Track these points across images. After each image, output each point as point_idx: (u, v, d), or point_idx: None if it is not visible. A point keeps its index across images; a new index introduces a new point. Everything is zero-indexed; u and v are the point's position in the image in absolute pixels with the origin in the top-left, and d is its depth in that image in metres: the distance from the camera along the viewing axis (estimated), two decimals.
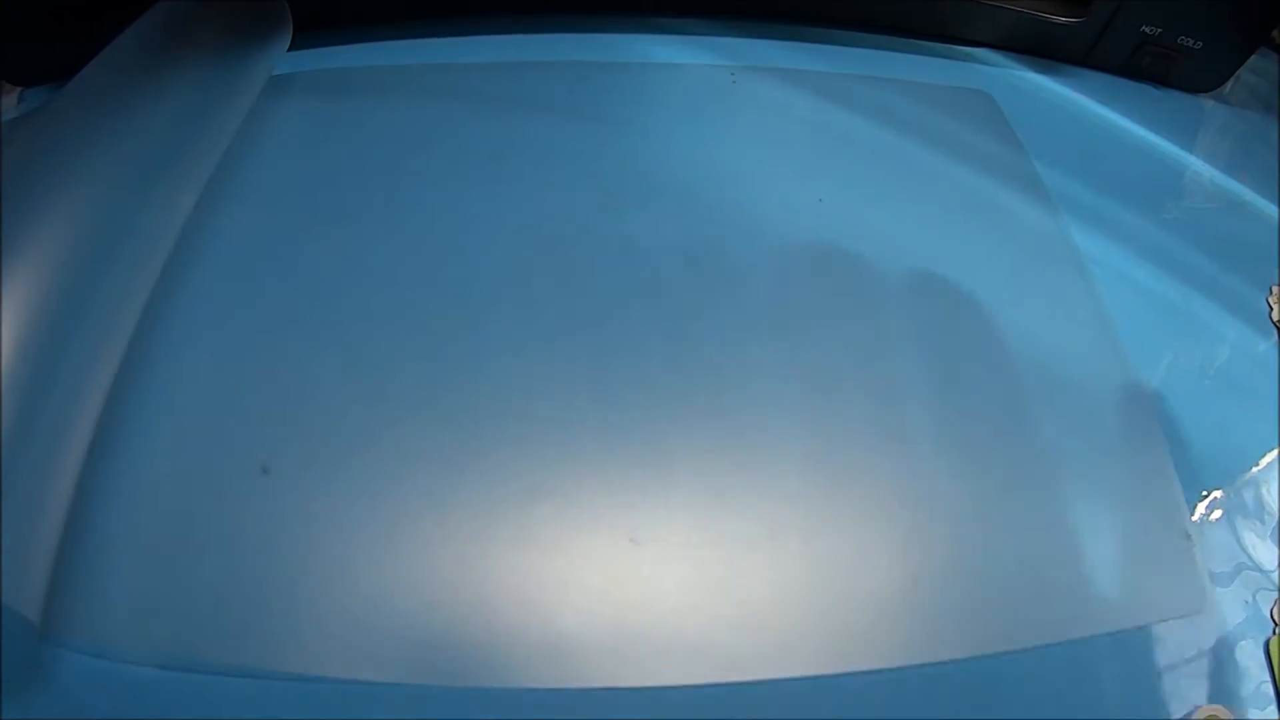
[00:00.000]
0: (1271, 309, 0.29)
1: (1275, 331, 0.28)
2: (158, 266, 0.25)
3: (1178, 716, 0.21)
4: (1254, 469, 0.25)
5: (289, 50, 0.31)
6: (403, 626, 0.20)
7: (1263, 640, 0.22)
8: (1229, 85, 0.37)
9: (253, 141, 0.29)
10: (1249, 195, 0.33)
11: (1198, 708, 0.21)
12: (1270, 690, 0.21)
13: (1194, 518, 0.24)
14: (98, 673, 0.20)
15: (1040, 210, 0.30)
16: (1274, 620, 0.22)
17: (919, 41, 0.37)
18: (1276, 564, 0.23)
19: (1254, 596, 0.22)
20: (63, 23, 0.30)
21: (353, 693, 0.20)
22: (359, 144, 0.30)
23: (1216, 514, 0.24)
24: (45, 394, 0.20)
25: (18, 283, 0.21)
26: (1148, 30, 0.35)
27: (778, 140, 0.32)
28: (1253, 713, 0.21)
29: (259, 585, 0.21)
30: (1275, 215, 0.32)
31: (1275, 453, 0.25)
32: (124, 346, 0.23)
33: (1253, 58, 0.36)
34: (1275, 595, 0.22)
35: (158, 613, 0.20)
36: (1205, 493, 0.24)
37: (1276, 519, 0.24)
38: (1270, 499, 0.24)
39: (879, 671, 0.21)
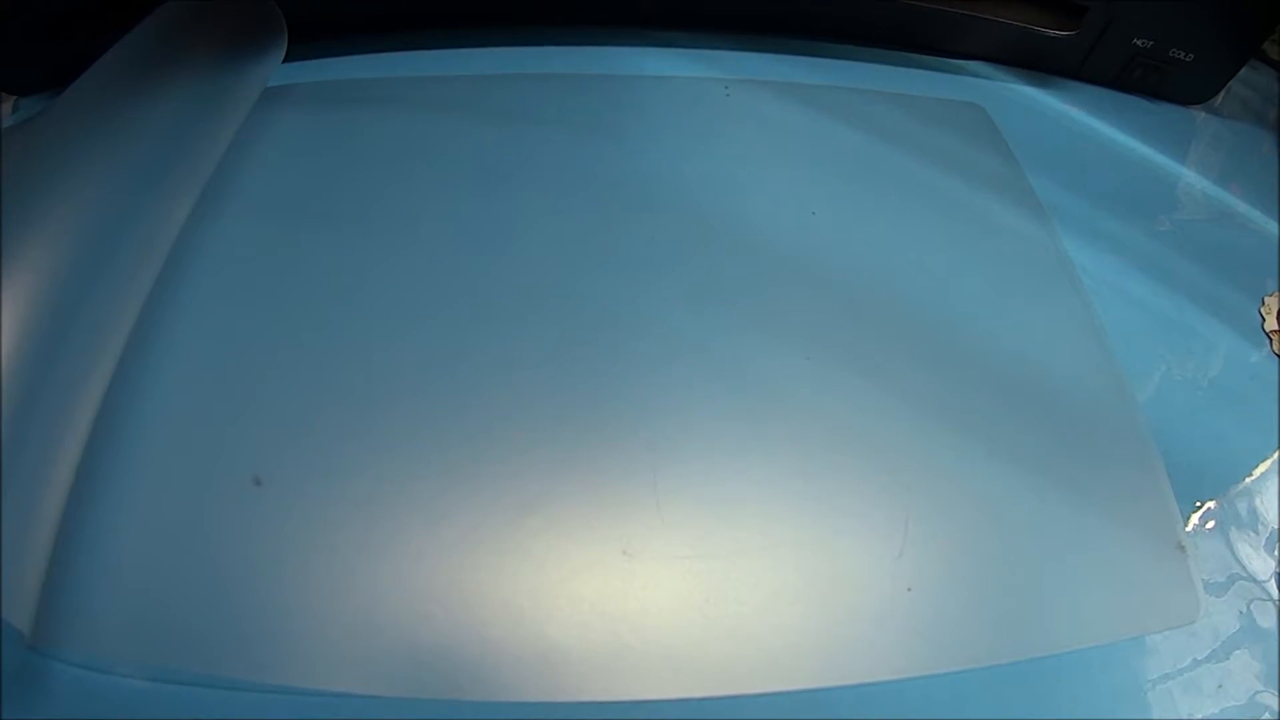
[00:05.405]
0: (1264, 319, 0.29)
1: (1268, 341, 0.28)
2: (152, 277, 0.25)
3: None
4: (1248, 479, 0.25)
5: (284, 62, 0.31)
6: (394, 639, 0.20)
7: (1257, 650, 0.22)
8: (1220, 97, 0.38)
9: (248, 152, 0.29)
10: (1241, 206, 0.33)
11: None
12: (1265, 699, 0.21)
13: (1188, 528, 0.24)
14: (87, 684, 0.19)
15: (1033, 222, 0.30)
16: None
17: (913, 55, 0.37)
18: (1271, 574, 0.23)
19: (1248, 606, 0.22)
20: (58, 33, 0.30)
21: (344, 705, 0.19)
22: (354, 155, 0.30)
23: (1211, 524, 0.24)
24: (38, 404, 0.20)
25: (12, 293, 0.21)
26: (1140, 43, 0.35)
27: (772, 152, 0.32)
28: None
29: (250, 598, 0.20)
30: (1267, 226, 0.32)
31: (1269, 462, 0.25)
32: (117, 357, 0.23)
33: (1244, 70, 0.36)
34: (1271, 604, 0.22)
35: (148, 625, 0.20)
36: (1199, 503, 0.24)
37: (1270, 529, 0.24)
38: (1265, 509, 0.24)
39: (873, 684, 0.20)
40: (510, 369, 0.25)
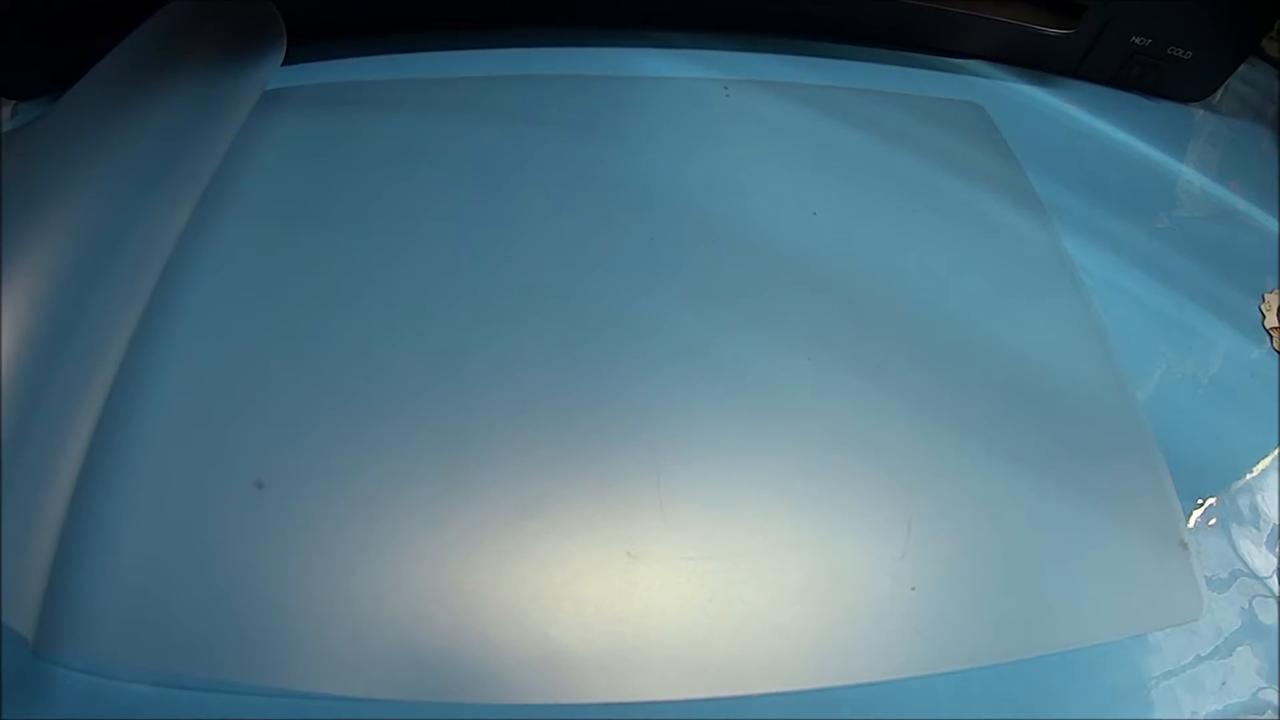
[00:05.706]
0: (1264, 315, 0.29)
1: (1269, 338, 0.28)
2: (153, 280, 0.25)
3: None
4: (1249, 475, 0.25)
5: (283, 65, 0.31)
6: (397, 643, 0.20)
7: (1260, 646, 0.22)
8: (1219, 94, 0.38)
9: (247, 155, 0.29)
10: (1240, 203, 0.33)
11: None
12: (1267, 695, 0.21)
13: (1190, 526, 0.24)
14: (90, 689, 0.19)
15: (1033, 220, 0.30)
16: None
17: (913, 54, 0.37)
18: (1273, 570, 0.23)
19: (1250, 603, 0.22)
20: (57, 36, 0.30)
21: (347, 709, 0.19)
22: (353, 157, 0.30)
23: (1212, 521, 0.24)
24: (40, 409, 0.20)
25: (13, 297, 0.21)
26: (1138, 41, 0.35)
27: (772, 153, 0.32)
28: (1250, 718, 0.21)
29: (252, 601, 0.20)
30: (1267, 222, 0.32)
31: (1270, 458, 0.25)
32: (119, 361, 0.23)
33: (1242, 67, 0.36)
34: (1273, 601, 0.22)
35: (151, 629, 0.20)
36: (1201, 500, 0.24)
37: (1272, 525, 0.24)
38: (1266, 505, 0.24)
39: (877, 684, 0.20)
40: (511, 370, 0.25)
